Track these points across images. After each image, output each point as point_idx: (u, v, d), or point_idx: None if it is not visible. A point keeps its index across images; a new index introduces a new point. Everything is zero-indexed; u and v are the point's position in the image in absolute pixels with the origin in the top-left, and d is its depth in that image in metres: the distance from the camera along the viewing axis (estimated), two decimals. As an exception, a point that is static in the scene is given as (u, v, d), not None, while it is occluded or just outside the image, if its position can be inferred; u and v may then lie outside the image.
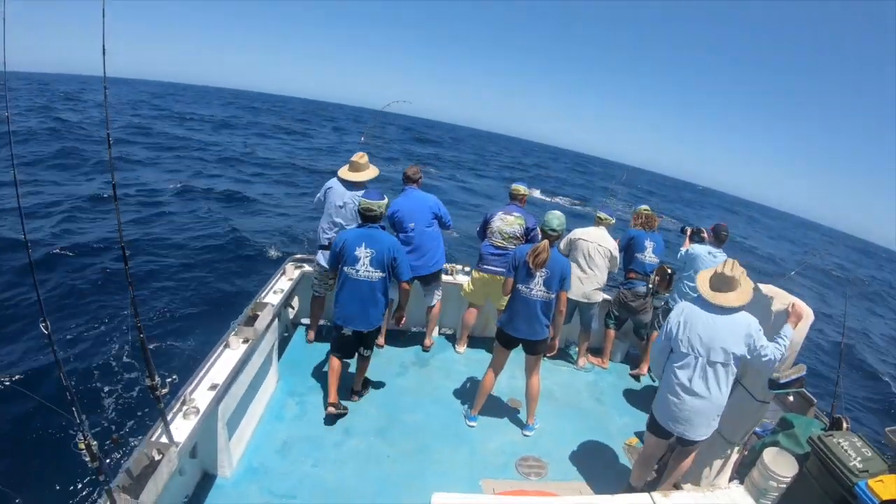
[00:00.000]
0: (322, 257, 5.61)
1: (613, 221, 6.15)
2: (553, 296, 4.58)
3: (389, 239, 4.64)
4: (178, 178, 19.73)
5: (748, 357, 3.61)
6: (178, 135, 32.74)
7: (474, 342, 6.47)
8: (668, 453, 4.45)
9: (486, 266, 5.91)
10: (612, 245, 6.04)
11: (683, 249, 6.17)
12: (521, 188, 6.10)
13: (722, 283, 3.71)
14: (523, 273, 4.55)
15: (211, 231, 13.82)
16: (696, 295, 3.89)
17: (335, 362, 4.88)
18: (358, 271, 4.54)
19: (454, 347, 6.41)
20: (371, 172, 5.57)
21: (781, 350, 3.54)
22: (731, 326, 3.62)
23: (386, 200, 4.71)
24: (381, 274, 4.58)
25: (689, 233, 6.45)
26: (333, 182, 5.62)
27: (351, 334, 4.78)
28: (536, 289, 4.53)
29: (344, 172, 5.55)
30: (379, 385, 5.51)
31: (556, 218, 4.55)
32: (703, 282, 3.83)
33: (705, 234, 6.21)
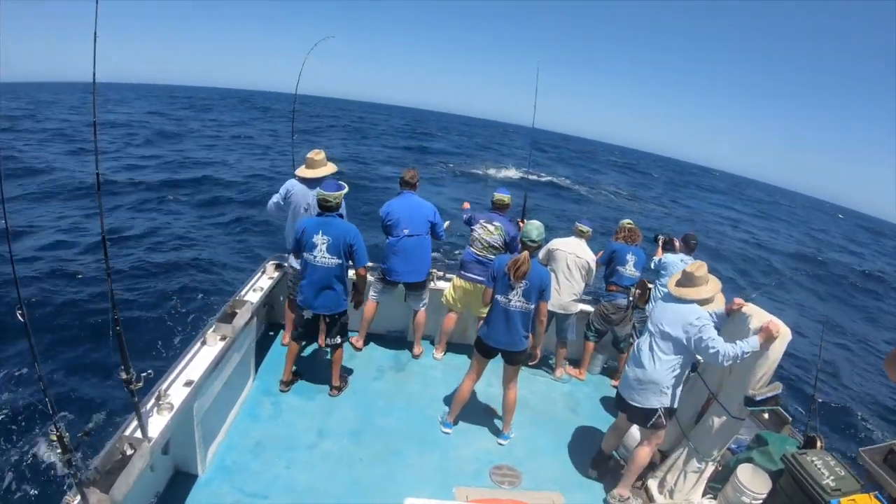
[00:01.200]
0: (294, 261, 5.50)
1: (591, 233, 6.15)
2: (532, 307, 4.55)
3: (346, 226, 4.75)
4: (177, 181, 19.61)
5: (685, 344, 3.93)
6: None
7: (452, 348, 6.42)
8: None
9: (467, 273, 5.86)
10: (591, 257, 6.03)
11: (656, 258, 6.38)
12: (504, 197, 5.99)
13: (686, 279, 4.09)
14: (503, 284, 4.53)
15: (199, 234, 13.74)
16: (666, 292, 4.31)
17: (293, 344, 5.20)
18: (315, 257, 4.68)
19: (432, 353, 6.37)
20: (328, 169, 5.46)
21: (736, 350, 3.69)
22: (676, 311, 4.02)
23: (343, 191, 4.81)
24: (337, 260, 4.72)
25: (661, 242, 6.70)
26: (293, 184, 5.50)
27: (311, 317, 4.98)
28: (515, 300, 4.51)
29: (302, 171, 5.46)
30: (355, 387, 5.50)
31: (535, 228, 4.52)
32: (673, 279, 4.25)
33: (676, 243, 6.51)
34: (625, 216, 6.85)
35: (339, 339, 5.08)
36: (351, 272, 4.96)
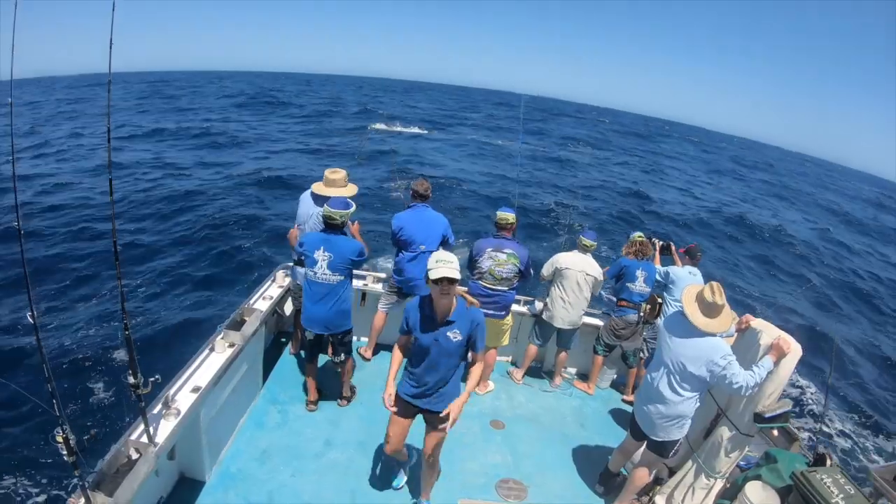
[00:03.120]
0: (299, 272, 5.38)
1: (595, 246, 6.03)
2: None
3: (349, 243, 4.61)
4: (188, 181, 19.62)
5: (708, 381, 3.79)
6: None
7: None
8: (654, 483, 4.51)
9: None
10: (599, 272, 5.92)
11: (660, 268, 6.30)
12: (508, 216, 5.40)
13: (708, 308, 3.83)
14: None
15: (209, 234, 13.73)
16: (680, 307, 4.07)
17: (309, 365, 5.10)
18: (316, 273, 4.56)
19: None
20: (347, 191, 5.23)
21: (756, 379, 3.62)
22: (698, 349, 3.81)
23: (351, 209, 4.63)
24: (339, 277, 4.60)
25: (658, 247, 6.64)
26: (306, 195, 5.41)
27: (313, 337, 4.87)
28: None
29: (318, 187, 5.29)
30: (363, 397, 5.46)
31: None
32: (689, 301, 3.95)
33: (672, 246, 6.57)
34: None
35: (342, 357, 5.03)
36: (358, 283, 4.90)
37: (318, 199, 5.22)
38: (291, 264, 5.58)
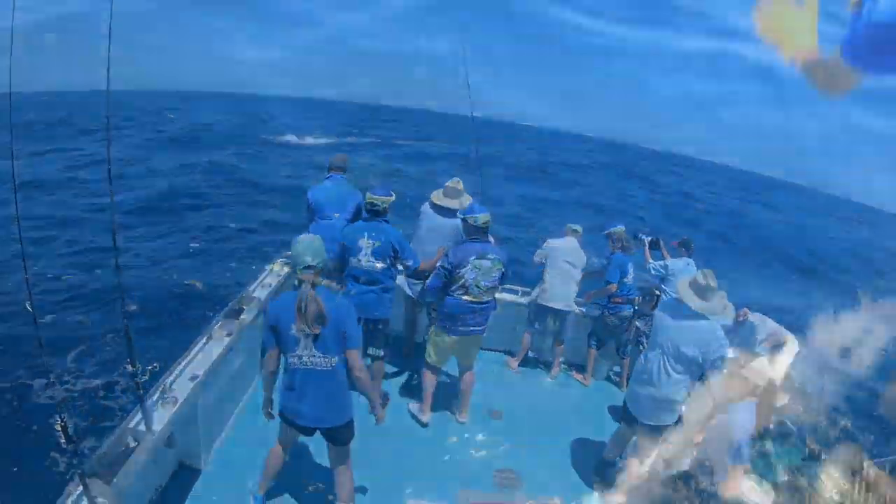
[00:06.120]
0: (406, 284, 5.55)
1: (581, 231, 6.31)
2: (335, 361, 3.27)
3: (392, 230, 4.61)
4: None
5: (700, 362, 3.86)
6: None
7: None
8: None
9: (461, 327, 4.79)
10: (584, 258, 6.17)
11: (652, 262, 6.50)
12: (487, 216, 4.70)
13: (702, 292, 3.92)
14: (286, 337, 3.21)
15: (208, 223, 13.67)
16: (675, 296, 4.16)
17: None
18: (360, 261, 4.53)
19: (414, 415, 5.30)
20: (465, 200, 5.30)
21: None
22: (693, 330, 3.90)
23: (392, 197, 4.66)
24: (382, 264, 4.57)
25: (647, 242, 6.73)
26: (425, 208, 5.49)
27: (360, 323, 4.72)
28: (307, 355, 3.21)
29: (438, 197, 5.37)
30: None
31: (308, 248, 3.18)
32: (683, 287, 4.05)
33: (661, 241, 6.73)
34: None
35: (381, 352, 4.88)
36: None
37: (444, 211, 5.33)
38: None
